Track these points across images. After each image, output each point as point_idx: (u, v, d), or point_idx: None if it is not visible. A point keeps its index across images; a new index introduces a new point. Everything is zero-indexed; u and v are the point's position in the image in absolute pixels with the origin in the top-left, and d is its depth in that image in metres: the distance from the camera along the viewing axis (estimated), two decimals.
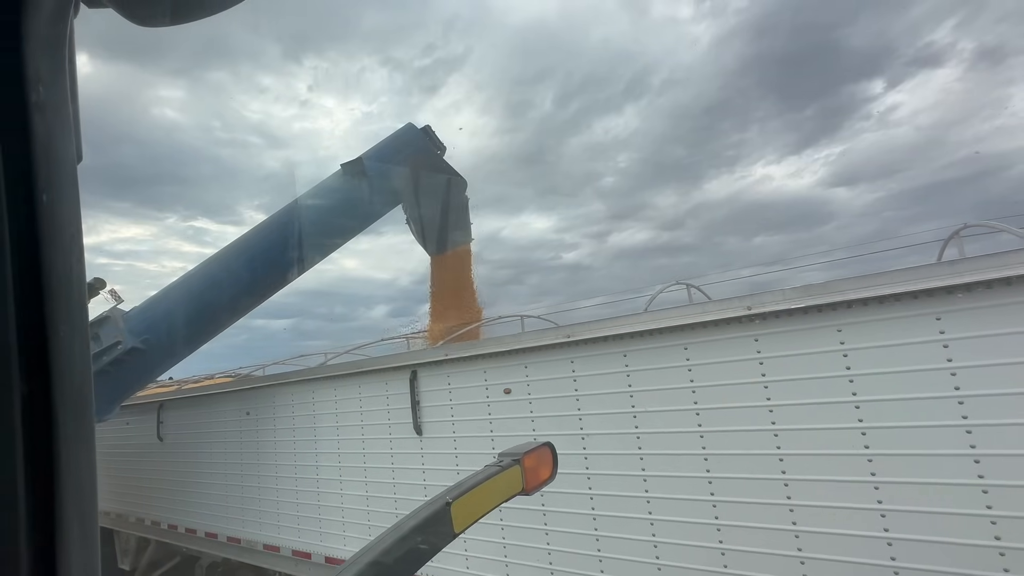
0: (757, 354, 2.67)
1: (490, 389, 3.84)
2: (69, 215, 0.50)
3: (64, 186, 0.49)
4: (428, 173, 6.35)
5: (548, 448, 1.20)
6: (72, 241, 0.50)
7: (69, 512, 0.47)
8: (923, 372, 2.27)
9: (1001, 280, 2.10)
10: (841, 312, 2.47)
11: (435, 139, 6.37)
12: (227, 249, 5.79)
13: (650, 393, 3.10)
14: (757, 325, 2.68)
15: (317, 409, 5.18)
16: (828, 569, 2.44)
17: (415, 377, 4.32)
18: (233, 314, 5.78)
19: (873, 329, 2.39)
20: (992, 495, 2.09)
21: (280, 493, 5.41)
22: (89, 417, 0.51)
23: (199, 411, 6.76)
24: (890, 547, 2.30)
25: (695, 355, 2.93)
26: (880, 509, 2.34)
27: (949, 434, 2.19)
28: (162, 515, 7.03)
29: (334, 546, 4.84)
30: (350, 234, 6.22)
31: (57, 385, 0.47)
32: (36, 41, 0.47)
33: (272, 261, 5.65)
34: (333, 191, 5.93)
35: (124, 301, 5.44)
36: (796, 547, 2.53)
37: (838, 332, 2.48)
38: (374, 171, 5.88)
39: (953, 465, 2.18)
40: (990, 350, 2.13)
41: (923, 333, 2.28)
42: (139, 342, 4.97)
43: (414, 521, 0.87)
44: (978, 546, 2.10)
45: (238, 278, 5.58)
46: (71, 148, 0.51)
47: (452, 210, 6.58)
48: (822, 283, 2.53)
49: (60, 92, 0.50)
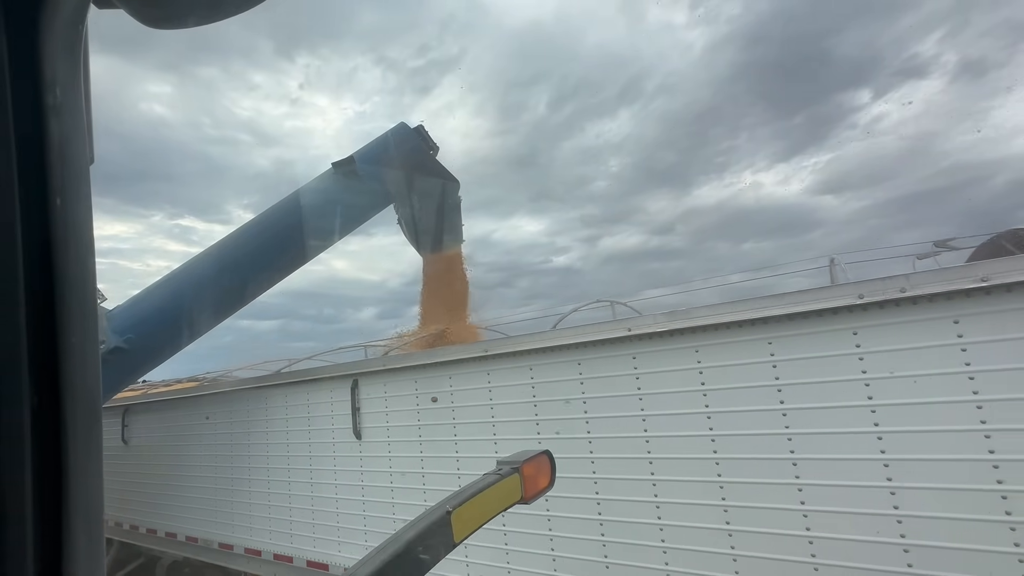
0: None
1: (420, 397, 4.20)
2: (83, 218, 0.48)
3: (78, 189, 0.48)
4: (420, 173, 6.30)
5: (546, 456, 1.20)
6: (86, 247, 0.49)
7: (76, 524, 0.46)
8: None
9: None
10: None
11: (428, 139, 6.33)
12: (213, 248, 5.70)
13: (551, 404, 3.48)
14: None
15: (270, 414, 5.48)
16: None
17: (356, 385, 4.65)
18: (219, 314, 5.68)
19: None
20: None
21: (234, 494, 5.69)
22: (97, 427, 0.50)
23: (163, 415, 6.99)
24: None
25: (586, 369, 3.33)
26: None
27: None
28: (124, 516, 7.23)
29: (282, 543, 5.13)
30: (340, 234, 6.16)
31: (67, 394, 0.46)
32: (54, 42, 0.46)
33: (259, 261, 5.58)
34: (323, 190, 5.86)
35: (107, 300, 5.32)
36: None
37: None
38: (366, 170, 5.82)
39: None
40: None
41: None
42: (122, 341, 4.85)
43: (414, 531, 0.85)
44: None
45: (224, 278, 5.48)
46: (84, 151, 0.50)
47: (444, 210, 6.54)
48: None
49: (75, 94, 0.49)
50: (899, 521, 2.39)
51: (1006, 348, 2.23)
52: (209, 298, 5.45)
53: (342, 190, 5.81)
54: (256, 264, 5.59)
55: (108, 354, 4.77)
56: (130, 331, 4.95)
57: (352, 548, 4.53)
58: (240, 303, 5.78)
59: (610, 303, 4.86)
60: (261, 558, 5.29)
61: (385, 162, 6.02)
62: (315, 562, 4.78)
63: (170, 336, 5.35)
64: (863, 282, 2.54)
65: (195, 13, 0.57)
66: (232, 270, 5.49)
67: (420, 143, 6.22)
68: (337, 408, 4.79)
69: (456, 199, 6.67)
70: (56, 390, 0.45)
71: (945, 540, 2.29)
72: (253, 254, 5.55)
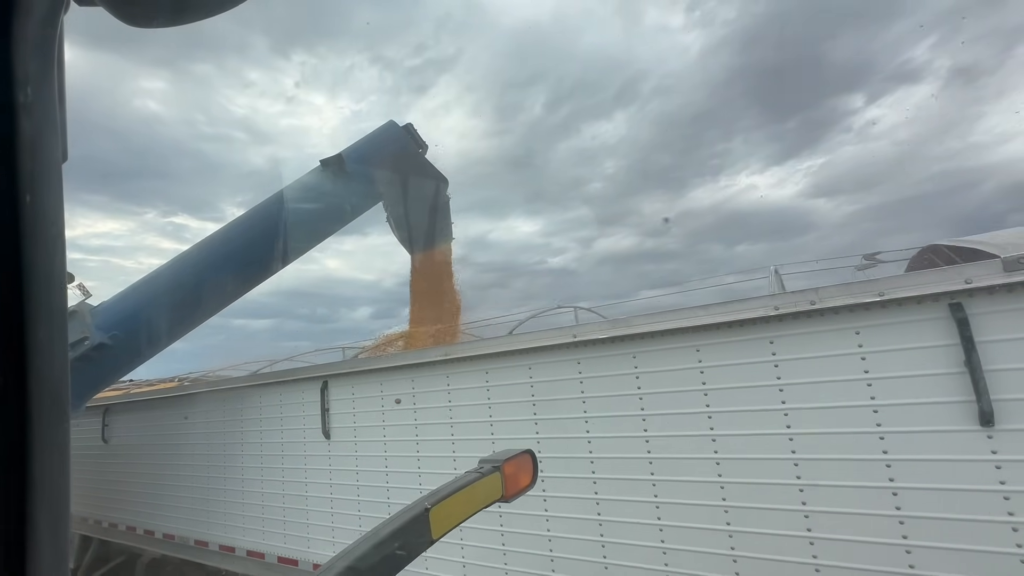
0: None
1: (384, 399, 4.37)
2: (52, 216, 0.49)
3: (48, 187, 0.48)
4: (409, 171, 6.27)
5: (529, 455, 1.21)
6: (54, 243, 0.49)
7: (40, 514, 0.46)
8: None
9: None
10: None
11: (417, 137, 6.30)
12: (202, 244, 5.64)
13: (505, 406, 3.67)
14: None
15: (245, 415, 5.62)
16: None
17: (326, 387, 4.81)
18: (207, 311, 5.62)
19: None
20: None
21: (210, 492, 5.83)
22: (65, 422, 0.50)
23: (142, 415, 7.11)
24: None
25: (537, 374, 3.52)
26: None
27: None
28: (104, 514, 7.34)
29: (255, 540, 5.28)
30: (329, 232, 6.14)
31: (34, 388, 0.46)
32: (26, 42, 0.47)
33: (248, 258, 5.52)
34: (312, 187, 5.82)
35: (92, 296, 5.17)
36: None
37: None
38: (354, 168, 5.79)
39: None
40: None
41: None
42: (107, 338, 4.77)
43: (391, 527, 0.86)
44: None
45: (212, 274, 5.40)
46: (57, 148, 0.50)
47: (433, 209, 6.51)
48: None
49: (48, 93, 0.49)
50: (806, 516, 2.59)
51: (899, 357, 2.44)
52: (197, 295, 5.37)
53: (330, 188, 5.78)
54: (244, 261, 5.53)
55: (93, 351, 4.70)
56: (116, 328, 4.87)
57: (321, 544, 4.69)
58: (229, 300, 5.72)
59: (573, 308, 5.05)
60: (235, 554, 5.43)
61: (374, 160, 6.00)
62: (285, 558, 4.93)
63: (157, 333, 5.26)
64: (779, 295, 2.74)
65: (175, 11, 0.57)
66: (220, 267, 5.42)
67: (409, 141, 6.20)
68: (308, 409, 4.95)
69: (445, 198, 6.64)
70: (23, 387, 0.45)
71: (844, 533, 2.50)
72: (241, 251, 5.49)
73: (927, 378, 2.36)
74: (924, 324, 2.38)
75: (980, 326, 2.27)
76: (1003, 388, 2.21)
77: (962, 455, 2.27)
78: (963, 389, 2.27)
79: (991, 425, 2.22)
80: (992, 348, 2.24)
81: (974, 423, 2.24)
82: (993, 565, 2.19)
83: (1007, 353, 2.22)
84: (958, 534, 2.26)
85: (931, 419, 2.34)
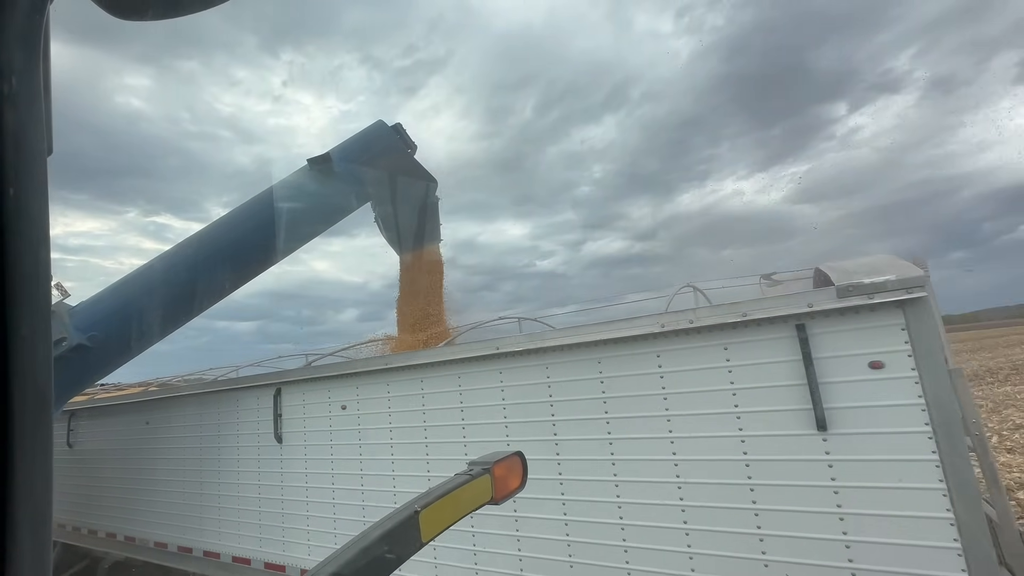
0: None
1: (331, 405, 4.64)
2: (37, 210, 0.48)
3: (33, 180, 0.47)
4: (398, 171, 6.24)
5: (518, 457, 1.19)
6: (39, 238, 0.48)
7: (23, 524, 0.45)
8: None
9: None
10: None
11: (406, 137, 6.26)
12: (184, 244, 5.54)
13: (437, 412, 3.97)
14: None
15: (203, 420, 5.83)
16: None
17: (279, 393, 5.06)
18: (188, 313, 5.51)
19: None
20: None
21: (169, 495, 6.02)
22: (48, 422, 0.49)
23: (106, 420, 7.25)
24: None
25: (466, 383, 3.83)
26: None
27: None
28: (68, 518, 7.45)
29: (211, 541, 5.49)
30: (316, 232, 6.08)
31: (16, 387, 0.45)
32: (11, 32, 0.46)
33: (232, 258, 5.43)
34: (299, 187, 5.73)
35: (71, 295, 5.08)
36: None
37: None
38: (342, 168, 5.72)
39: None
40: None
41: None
42: (85, 339, 4.67)
43: (380, 530, 0.85)
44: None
45: (195, 275, 5.30)
46: (41, 141, 0.49)
47: (422, 210, 6.49)
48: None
49: (33, 84, 0.48)
50: (683, 511, 2.94)
51: (757, 370, 2.80)
52: (179, 296, 5.27)
53: (318, 187, 5.71)
54: (229, 261, 5.44)
55: (70, 352, 4.62)
56: (94, 328, 4.78)
57: (272, 544, 4.93)
58: (211, 301, 5.64)
59: (517, 320, 5.36)
60: (192, 555, 5.63)
61: (362, 160, 5.95)
62: (239, 557, 5.16)
63: (136, 334, 5.14)
64: (664, 314, 3.10)
65: (164, 6, 0.56)
66: (203, 267, 5.33)
67: (397, 141, 6.17)
68: (262, 414, 5.19)
69: (434, 198, 6.62)
70: (5, 385, 0.44)
71: (713, 524, 2.85)
72: (225, 251, 5.39)
73: (777, 389, 2.72)
74: (776, 342, 2.75)
75: (817, 344, 2.64)
76: (834, 398, 2.58)
77: (803, 456, 2.63)
78: (804, 399, 2.64)
79: (825, 430, 2.58)
80: (826, 363, 2.61)
81: (812, 428, 2.61)
82: (825, 549, 2.55)
83: (837, 368, 2.59)
84: (799, 524, 2.62)
85: (779, 424, 2.70)
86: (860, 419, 2.52)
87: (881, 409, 2.48)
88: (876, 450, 2.47)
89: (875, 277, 2.52)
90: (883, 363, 2.49)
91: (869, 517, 2.46)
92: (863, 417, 2.51)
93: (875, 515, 2.45)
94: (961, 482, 2.29)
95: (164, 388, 7.05)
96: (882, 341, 2.50)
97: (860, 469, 2.50)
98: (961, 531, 2.27)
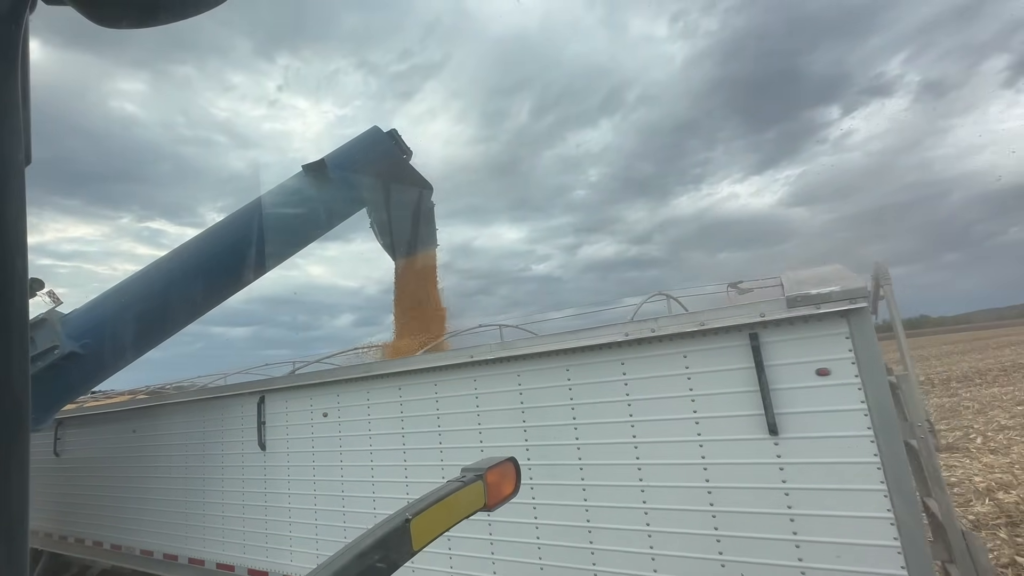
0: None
1: (313, 413, 4.72)
2: (13, 219, 0.48)
3: (9, 190, 0.47)
4: (393, 178, 6.24)
5: (511, 463, 1.18)
6: (15, 247, 0.48)
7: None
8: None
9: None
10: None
11: (401, 143, 6.27)
12: (179, 250, 5.51)
13: (415, 419, 4.06)
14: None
15: (190, 427, 5.90)
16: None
17: (263, 401, 5.14)
18: (183, 320, 5.50)
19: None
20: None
21: (154, 503, 6.07)
22: (24, 429, 0.48)
23: (93, 429, 7.29)
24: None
25: (441, 390, 3.93)
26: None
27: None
28: (54, 527, 7.47)
29: (196, 548, 5.54)
30: (310, 238, 6.08)
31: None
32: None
33: (227, 264, 5.39)
34: (294, 193, 5.71)
35: (63, 303, 5.04)
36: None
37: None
38: (337, 174, 5.72)
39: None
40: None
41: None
42: (78, 347, 4.65)
43: (372, 539, 0.84)
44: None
45: (189, 281, 5.27)
46: (19, 151, 0.49)
47: (418, 216, 6.50)
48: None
49: (10, 94, 0.48)
50: (646, 513, 3.05)
51: (714, 377, 2.92)
52: (173, 302, 5.23)
53: (313, 193, 5.70)
54: (223, 268, 5.42)
55: (63, 360, 4.61)
56: (87, 336, 4.76)
57: (256, 550, 4.99)
58: (207, 308, 5.62)
59: (498, 327, 5.47)
60: (177, 562, 5.68)
61: (358, 166, 5.95)
62: (223, 564, 5.21)
63: (130, 342, 5.10)
64: (628, 323, 3.22)
65: (145, 13, 0.56)
66: (198, 274, 5.30)
67: (393, 147, 6.19)
68: (247, 422, 5.26)
69: (429, 204, 6.64)
70: None
71: (674, 526, 2.96)
72: (220, 257, 5.37)
73: (732, 395, 2.84)
74: (732, 350, 2.87)
75: (769, 352, 2.76)
76: (784, 404, 2.70)
77: (756, 459, 2.75)
78: (756, 405, 2.76)
79: (776, 435, 2.70)
80: (777, 370, 2.73)
81: (764, 433, 2.73)
82: (777, 549, 2.66)
83: (787, 375, 2.71)
84: (753, 525, 2.73)
85: (734, 429, 2.82)
86: (808, 424, 2.64)
87: (827, 414, 2.60)
88: (823, 453, 2.59)
89: (822, 288, 2.64)
90: (829, 370, 2.61)
91: (817, 517, 2.58)
92: (811, 422, 2.63)
93: (822, 515, 2.57)
94: (900, 483, 2.41)
95: (151, 396, 7.11)
96: (828, 349, 2.62)
97: (808, 472, 2.62)
98: (900, 529, 2.39)
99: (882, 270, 3.05)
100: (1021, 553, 6.06)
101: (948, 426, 12.71)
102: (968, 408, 14.72)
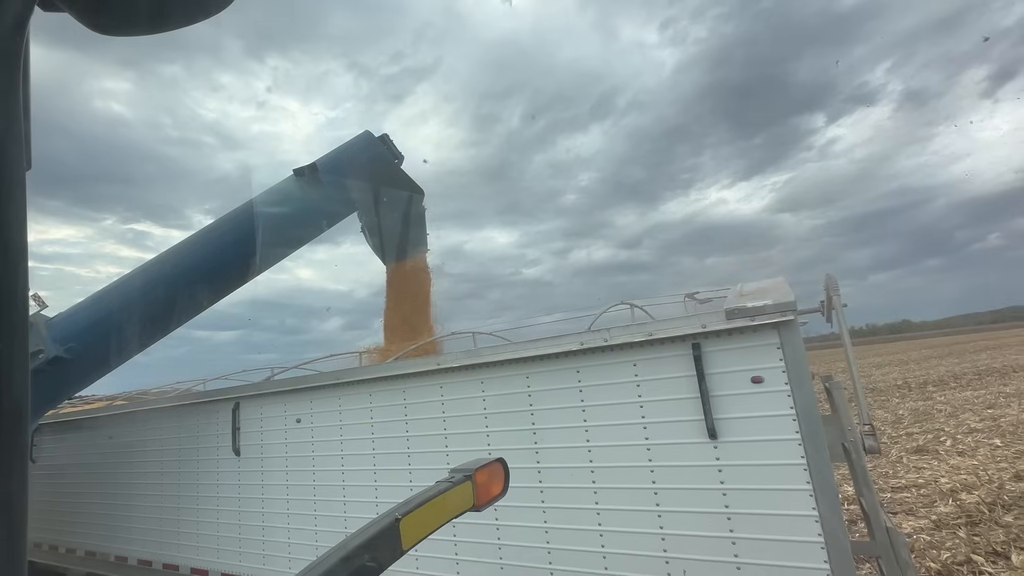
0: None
1: (287, 419, 4.82)
2: (15, 226, 0.48)
3: (10, 196, 0.48)
4: (384, 182, 6.28)
5: (500, 464, 1.19)
6: (18, 251, 0.48)
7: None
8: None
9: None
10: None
11: (392, 148, 6.30)
12: (167, 253, 5.50)
13: (385, 425, 4.18)
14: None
15: (165, 433, 5.94)
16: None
17: (238, 407, 5.22)
18: (170, 324, 5.48)
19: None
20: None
21: (129, 509, 6.09)
22: (24, 429, 0.49)
23: (69, 435, 7.28)
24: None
25: (410, 396, 4.06)
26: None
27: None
28: (29, 534, 7.41)
29: (171, 553, 5.58)
30: (301, 242, 6.11)
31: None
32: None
33: (216, 269, 5.40)
34: (284, 196, 5.72)
35: (48, 307, 5.03)
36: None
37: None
38: (328, 178, 5.73)
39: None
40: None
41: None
42: (63, 351, 4.64)
43: (361, 538, 0.84)
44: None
45: (177, 286, 5.24)
46: (21, 158, 0.50)
47: (408, 220, 6.53)
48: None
49: (12, 103, 0.49)
50: (598, 514, 3.20)
51: (661, 384, 3.09)
52: (160, 307, 5.21)
53: (304, 197, 5.72)
54: (212, 272, 5.41)
55: (47, 364, 4.59)
56: (72, 340, 4.75)
57: (228, 554, 5.05)
58: (194, 312, 5.61)
59: (471, 333, 5.61)
60: (152, 568, 5.71)
61: (349, 170, 5.96)
62: (198, 569, 5.26)
63: (115, 346, 5.07)
64: (583, 332, 3.38)
65: (143, 21, 0.56)
66: (186, 278, 5.28)
67: (384, 152, 6.22)
68: (222, 428, 5.34)
69: (421, 209, 6.67)
70: None
71: (624, 525, 3.12)
72: (209, 261, 5.35)
73: (676, 401, 3.02)
74: (676, 359, 3.05)
75: (709, 361, 2.94)
76: (722, 410, 2.88)
77: (697, 462, 2.92)
78: (697, 410, 2.93)
79: (715, 438, 2.87)
80: (716, 378, 2.91)
81: (704, 437, 2.90)
82: (715, 546, 2.83)
83: (725, 382, 2.89)
84: (694, 524, 2.90)
85: (678, 434, 2.99)
86: (744, 428, 2.82)
87: (760, 419, 2.78)
88: (756, 456, 2.77)
89: (757, 301, 2.83)
90: (763, 378, 2.80)
91: (751, 516, 2.75)
92: (746, 427, 2.82)
93: (755, 514, 2.74)
94: (824, 484, 2.60)
95: (128, 402, 7.12)
96: (761, 358, 2.81)
97: (743, 473, 2.80)
98: (824, 526, 2.57)
99: (832, 282, 3.25)
100: (977, 551, 6.30)
101: (920, 429, 13.07)
102: (941, 411, 15.12)
